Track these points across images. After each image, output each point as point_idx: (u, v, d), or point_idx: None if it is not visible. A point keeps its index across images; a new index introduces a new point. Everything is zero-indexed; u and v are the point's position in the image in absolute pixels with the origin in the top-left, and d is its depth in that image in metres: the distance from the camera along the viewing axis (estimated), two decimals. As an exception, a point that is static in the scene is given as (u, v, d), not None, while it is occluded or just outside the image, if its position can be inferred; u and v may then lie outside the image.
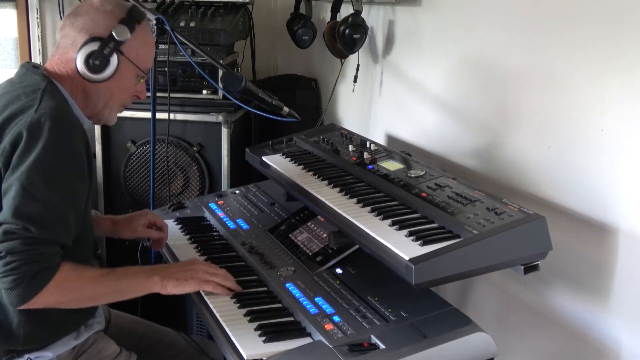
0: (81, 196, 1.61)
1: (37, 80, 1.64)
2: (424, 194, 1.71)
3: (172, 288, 1.68)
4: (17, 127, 1.52)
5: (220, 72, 2.06)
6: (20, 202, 1.48)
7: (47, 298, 1.52)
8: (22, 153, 1.50)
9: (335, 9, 2.65)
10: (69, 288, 1.56)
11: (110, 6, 1.70)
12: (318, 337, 1.51)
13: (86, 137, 1.63)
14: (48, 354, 1.69)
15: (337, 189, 1.85)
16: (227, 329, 1.59)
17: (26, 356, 1.66)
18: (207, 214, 2.23)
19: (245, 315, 1.63)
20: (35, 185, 1.49)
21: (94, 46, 1.66)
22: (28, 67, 1.71)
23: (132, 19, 1.70)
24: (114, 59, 1.68)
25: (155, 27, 2.05)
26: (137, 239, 2.09)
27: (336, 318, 1.56)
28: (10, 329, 1.61)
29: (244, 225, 2.11)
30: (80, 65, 1.66)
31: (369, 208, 1.71)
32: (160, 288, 1.68)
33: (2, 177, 1.53)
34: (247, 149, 2.30)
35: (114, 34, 1.66)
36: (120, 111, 1.83)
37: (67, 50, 1.69)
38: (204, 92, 2.71)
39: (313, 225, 1.99)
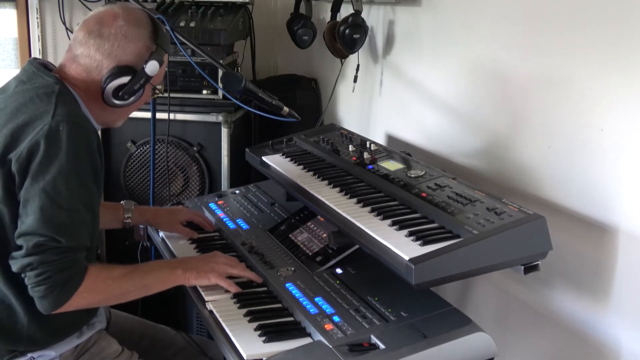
0: (97, 199, 1.64)
1: (50, 83, 1.63)
2: (424, 194, 1.71)
3: (194, 280, 1.73)
4: (35, 134, 1.52)
5: (220, 72, 2.06)
6: (48, 213, 1.50)
7: (79, 301, 1.57)
8: (42, 162, 1.50)
9: (335, 9, 2.65)
10: (98, 289, 1.60)
11: (137, 30, 1.66)
12: (318, 337, 1.51)
13: (98, 138, 1.64)
14: (51, 352, 1.69)
15: (337, 189, 1.85)
16: (227, 329, 1.59)
17: (29, 355, 1.67)
18: (207, 214, 2.23)
19: (245, 315, 1.63)
20: (60, 194, 1.51)
21: (124, 79, 1.64)
22: (37, 66, 1.68)
23: (161, 51, 1.68)
24: (141, 90, 1.69)
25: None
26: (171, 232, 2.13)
27: (336, 318, 1.56)
28: (13, 330, 1.62)
29: (244, 225, 2.11)
30: (108, 95, 1.65)
31: (369, 208, 1.70)
32: (183, 280, 1.73)
33: (15, 181, 1.53)
34: (247, 149, 2.30)
35: (146, 70, 1.65)
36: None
37: (91, 72, 1.65)
38: (204, 92, 2.71)
39: (313, 225, 1.99)
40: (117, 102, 1.68)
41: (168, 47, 1.74)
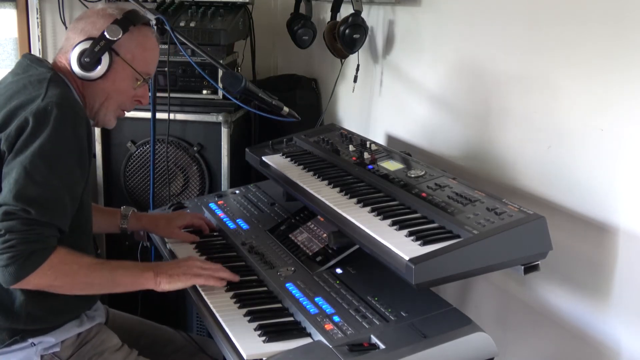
0: (79, 182, 1.65)
1: (42, 72, 1.70)
2: (424, 194, 1.71)
3: (166, 285, 1.71)
4: (24, 113, 1.57)
5: (220, 72, 2.06)
6: (22, 185, 1.52)
7: (40, 279, 1.55)
8: (27, 138, 1.55)
9: (335, 9, 2.65)
10: (62, 271, 1.58)
11: (111, 10, 1.76)
12: (318, 337, 1.52)
13: (89, 124, 1.66)
14: (51, 339, 1.70)
15: (337, 189, 1.85)
16: (227, 329, 1.59)
17: (29, 341, 1.68)
18: (207, 214, 2.23)
19: (245, 315, 1.64)
20: (37, 169, 1.54)
21: (86, 45, 1.71)
22: (31, 59, 1.76)
23: (126, 20, 1.74)
24: (105, 58, 1.72)
25: (155, 27, 2.06)
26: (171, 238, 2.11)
27: (336, 318, 1.56)
28: (12, 307, 1.63)
29: (244, 225, 2.11)
30: (73, 62, 1.71)
31: (369, 208, 1.71)
32: (153, 284, 1.70)
33: (3, 160, 1.57)
34: (247, 149, 2.30)
35: (105, 32, 1.71)
36: (120, 115, 1.85)
37: (68, 51, 1.74)
38: (204, 92, 2.71)
39: (313, 225, 1.99)
40: (82, 71, 1.71)
41: (141, 23, 1.78)
